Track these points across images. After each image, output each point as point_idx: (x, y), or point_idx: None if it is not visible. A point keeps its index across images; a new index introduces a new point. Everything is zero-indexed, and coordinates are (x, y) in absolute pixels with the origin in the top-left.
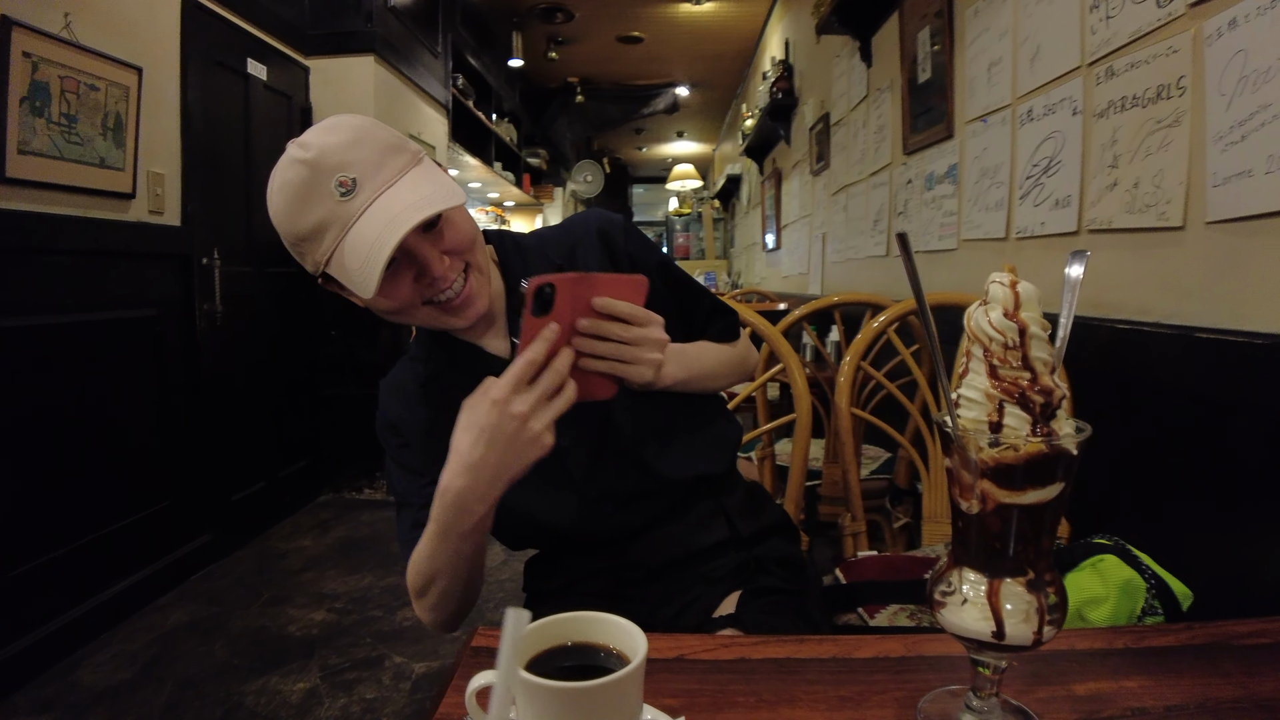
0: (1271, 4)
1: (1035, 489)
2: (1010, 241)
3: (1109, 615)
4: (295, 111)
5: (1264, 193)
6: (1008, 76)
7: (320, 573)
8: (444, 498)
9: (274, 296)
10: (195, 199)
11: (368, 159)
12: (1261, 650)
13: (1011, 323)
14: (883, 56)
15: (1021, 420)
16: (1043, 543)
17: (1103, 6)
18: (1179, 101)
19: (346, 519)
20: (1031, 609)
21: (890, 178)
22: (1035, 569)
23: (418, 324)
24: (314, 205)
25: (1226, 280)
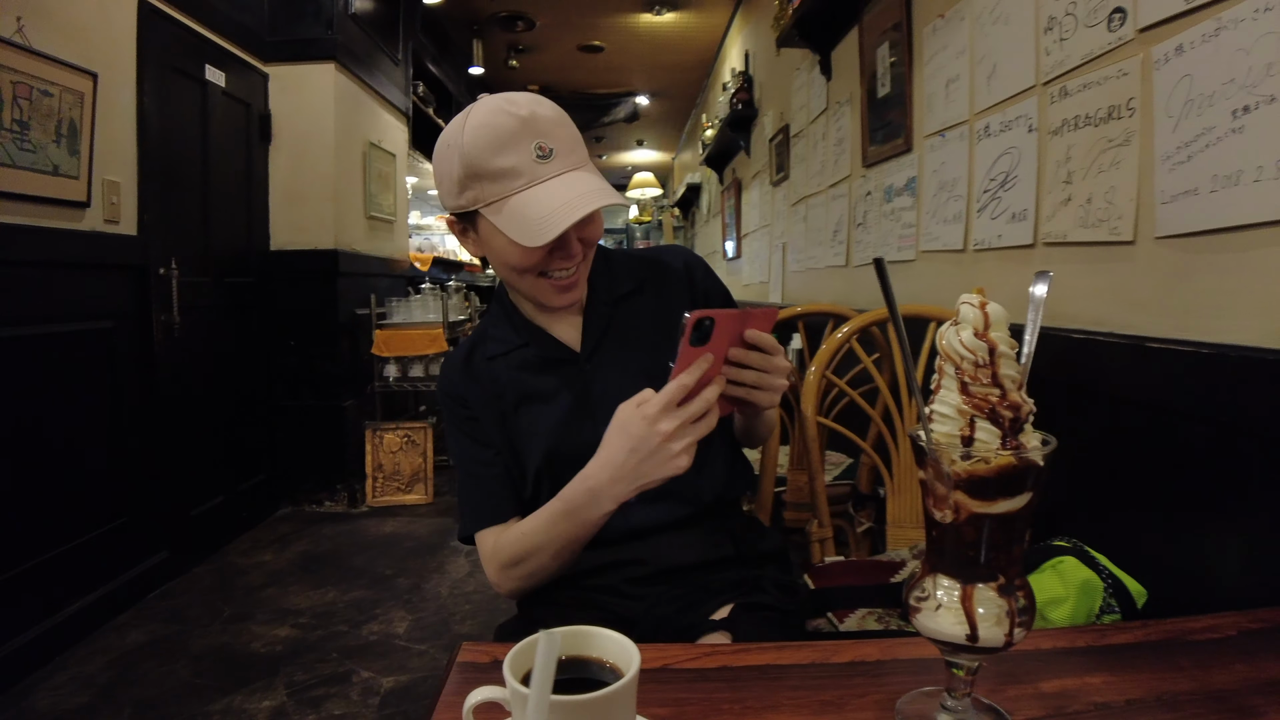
0: (1215, 32)
1: (1006, 499)
2: (968, 253)
3: (1069, 615)
4: (254, 119)
5: (1208, 210)
6: (965, 93)
7: (283, 588)
8: (584, 483)
9: (232, 307)
10: (152, 208)
11: (566, 139)
12: (1214, 645)
13: (982, 342)
14: (842, 70)
15: (992, 434)
16: (1013, 550)
17: (1056, 29)
18: (1129, 122)
19: (307, 533)
20: (1003, 612)
21: (850, 189)
22: (1006, 575)
23: (522, 289)
24: (511, 153)
25: (1175, 293)
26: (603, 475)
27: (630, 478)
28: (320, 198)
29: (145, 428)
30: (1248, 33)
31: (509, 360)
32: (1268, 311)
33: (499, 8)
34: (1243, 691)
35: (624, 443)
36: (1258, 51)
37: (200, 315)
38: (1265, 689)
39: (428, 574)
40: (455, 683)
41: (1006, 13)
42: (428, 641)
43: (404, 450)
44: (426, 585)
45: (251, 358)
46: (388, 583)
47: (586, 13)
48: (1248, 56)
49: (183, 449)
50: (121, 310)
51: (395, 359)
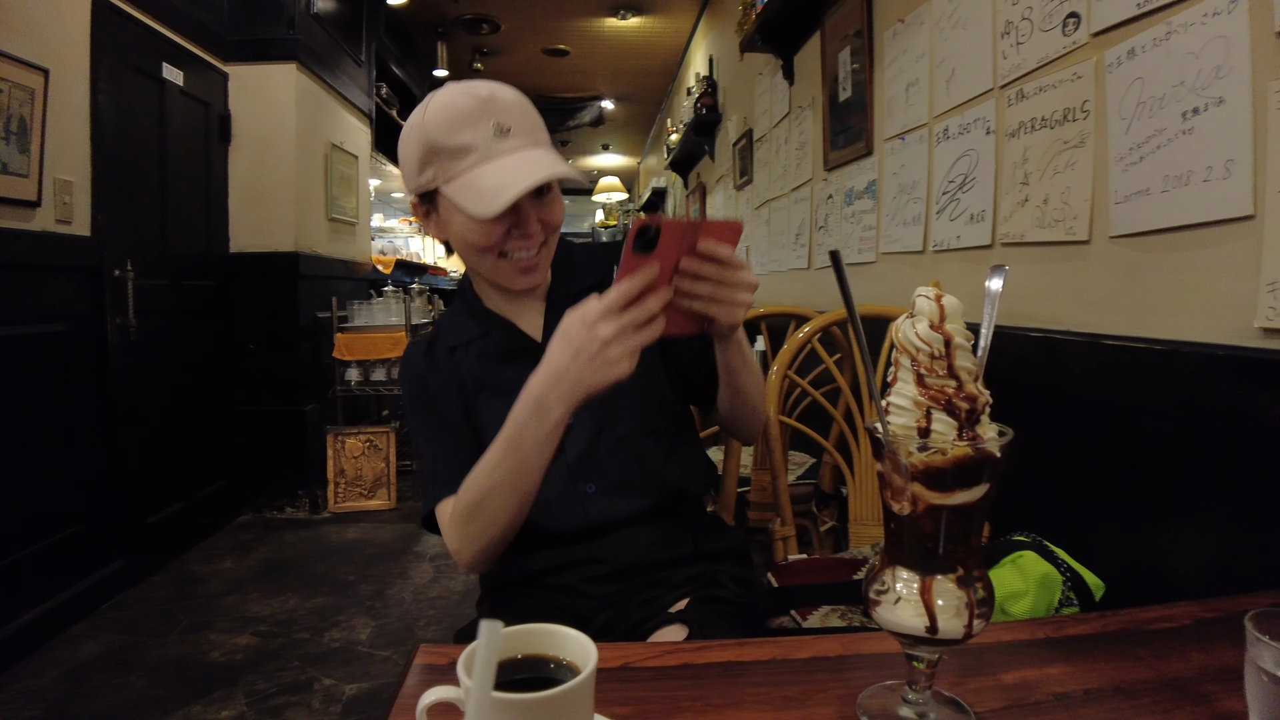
0: (1166, 36)
1: (963, 490)
2: (927, 255)
3: (1029, 608)
4: (214, 119)
5: (1160, 210)
6: (925, 97)
7: (243, 596)
8: (526, 396)
9: (191, 310)
10: (106, 208)
11: (525, 119)
12: (1168, 634)
13: (937, 334)
14: (804, 75)
15: (948, 426)
16: (971, 541)
17: (1013, 33)
18: (1084, 124)
19: (268, 539)
20: (962, 604)
21: (812, 193)
22: (965, 566)
23: (483, 271)
24: (468, 130)
25: (1129, 291)
26: (545, 381)
27: (572, 381)
28: (281, 199)
29: (99, 433)
30: (1197, 37)
31: (469, 350)
32: (1216, 308)
33: (464, 10)
34: (1198, 679)
35: (564, 347)
36: (1206, 55)
37: (158, 318)
38: (1220, 676)
39: (391, 580)
40: (412, 685)
41: (965, 17)
42: (391, 648)
43: (366, 455)
44: (390, 591)
45: (211, 362)
46: (350, 589)
47: (551, 16)
48: (1197, 60)
49: (139, 455)
50: (74, 313)
51: (357, 363)
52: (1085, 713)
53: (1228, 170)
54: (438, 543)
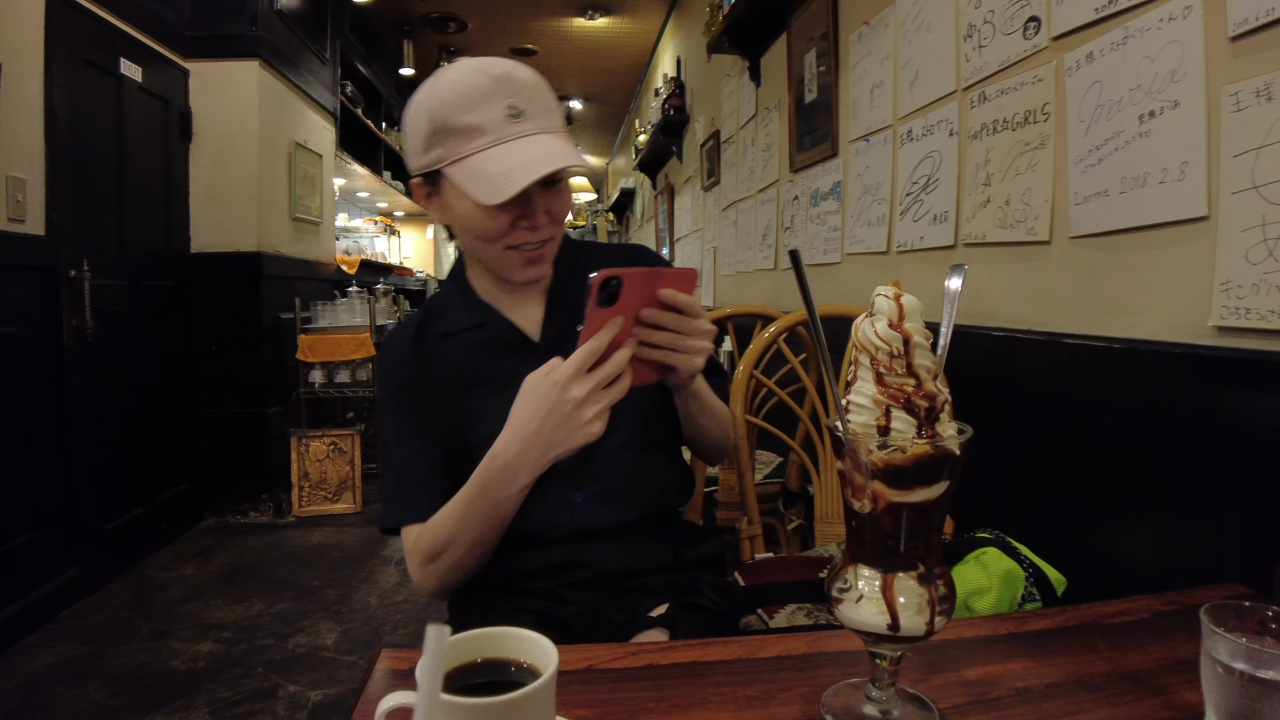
0: (1123, 41)
1: (923, 488)
2: (891, 255)
3: (992, 604)
4: (174, 116)
5: (1118, 211)
6: (889, 99)
7: (205, 602)
8: (494, 460)
9: (150, 311)
10: (62, 207)
11: (541, 103)
12: (1127, 627)
13: (896, 333)
14: (771, 77)
15: (908, 424)
16: (932, 538)
17: (975, 36)
18: (1044, 126)
19: (231, 544)
20: (924, 601)
21: (778, 194)
22: (926, 563)
23: (487, 261)
24: (480, 110)
25: (1088, 290)
26: (513, 446)
27: (542, 447)
28: (243, 198)
29: (54, 438)
30: (1153, 41)
31: (462, 340)
32: (1173, 307)
33: (430, 8)
34: (1156, 671)
35: (534, 412)
36: (1162, 59)
37: (116, 319)
38: (1177, 668)
39: (356, 584)
40: (374, 690)
41: (929, 20)
42: (357, 652)
43: (331, 458)
44: (355, 596)
45: (171, 364)
46: (315, 594)
47: (519, 16)
48: (1153, 64)
49: (96, 460)
50: (28, 314)
51: (321, 364)
52: (1046, 707)
53: (1183, 172)
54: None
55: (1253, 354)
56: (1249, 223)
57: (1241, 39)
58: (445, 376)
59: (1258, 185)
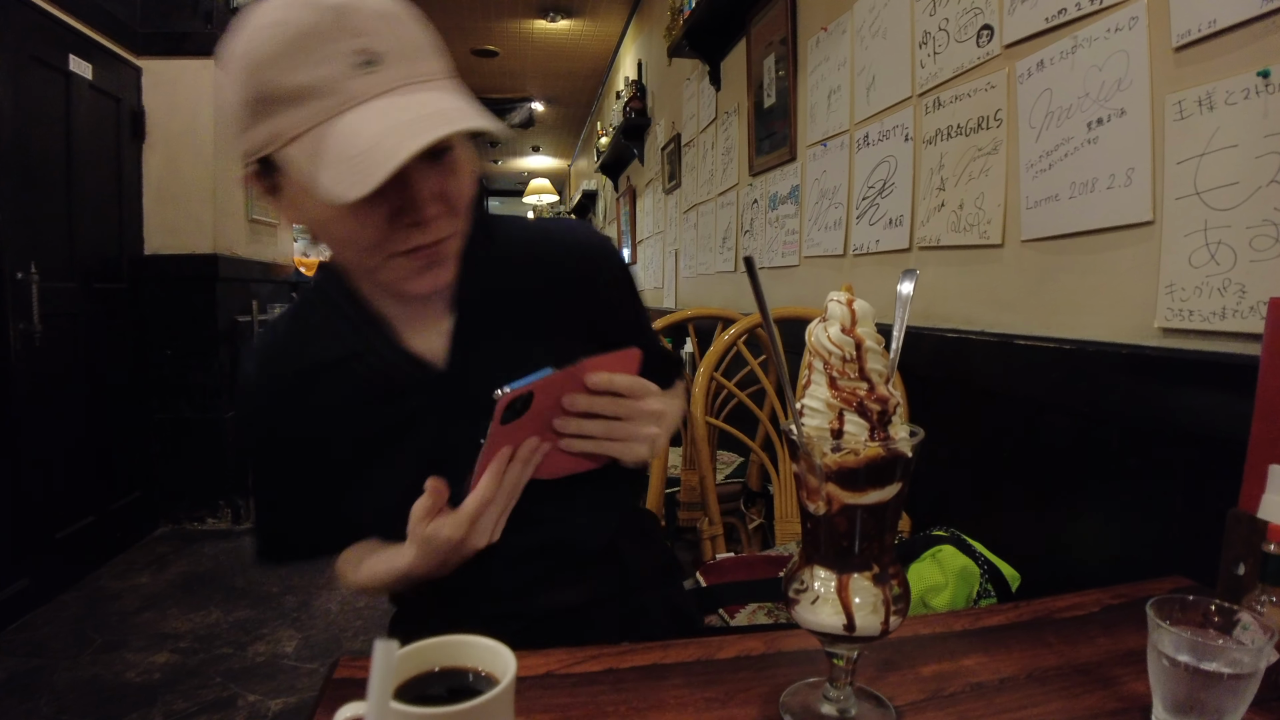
0: (1072, 49)
1: (876, 489)
2: (848, 258)
3: (949, 600)
4: (125, 114)
5: (1067, 215)
6: (846, 104)
7: (160, 612)
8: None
9: (101, 315)
10: (7, 207)
11: (404, 41)
12: (1078, 621)
13: (849, 338)
14: (731, 81)
15: (860, 427)
16: (885, 539)
17: (930, 43)
18: (997, 132)
19: (187, 552)
20: (879, 601)
21: (737, 197)
22: (880, 564)
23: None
24: (315, 63)
25: (1039, 293)
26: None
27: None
28: (198, 199)
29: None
30: (1100, 50)
31: (335, 377)
32: (1120, 309)
33: None
34: (1105, 664)
35: (430, 559)
36: (1109, 68)
37: (65, 323)
38: (1125, 660)
39: (316, 590)
40: (330, 699)
41: (885, 26)
42: (318, 660)
43: None
44: (316, 602)
45: (124, 368)
46: (274, 601)
47: (479, 17)
48: (1100, 72)
49: (45, 467)
50: None
51: None
52: (1000, 701)
53: (1129, 178)
54: None
55: (1195, 354)
56: (1192, 227)
57: (1185, 49)
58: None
59: (1200, 191)
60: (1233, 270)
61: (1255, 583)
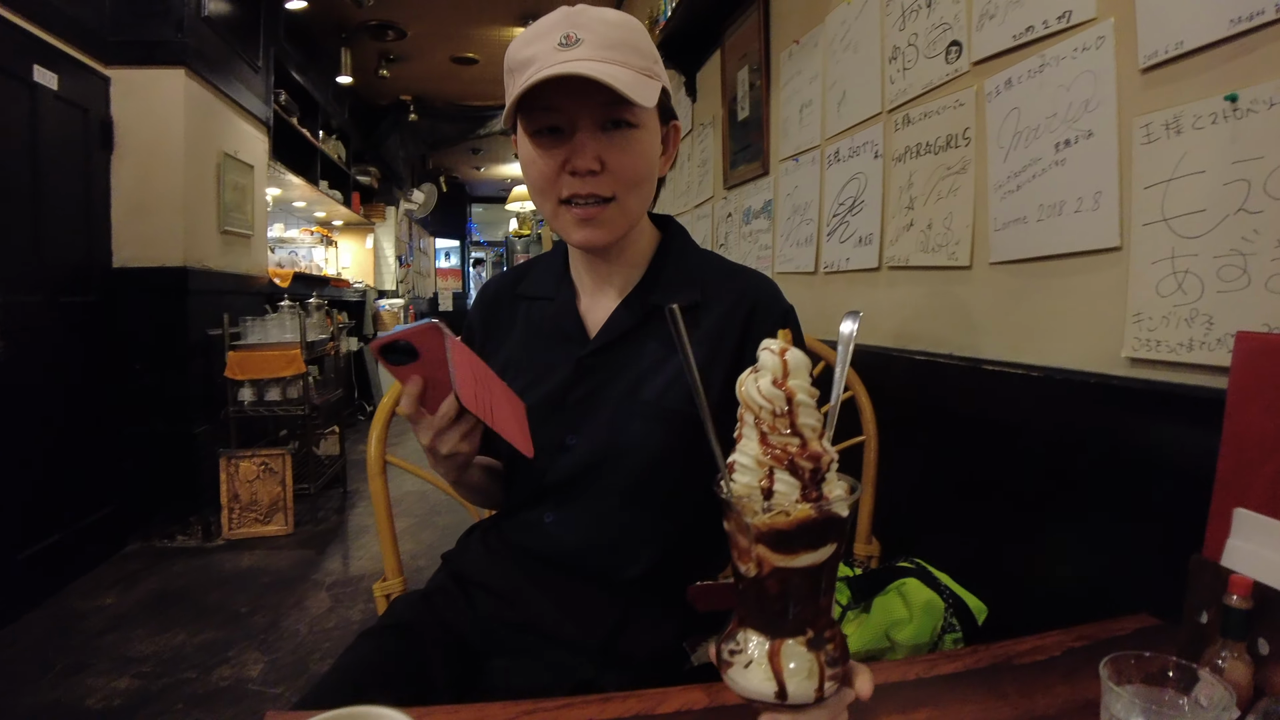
0: (1040, 68)
1: (808, 552)
2: (819, 275)
3: (913, 634)
4: (94, 125)
5: (1035, 238)
6: (817, 118)
7: (126, 633)
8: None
9: (69, 329)
10: None
11: (605, 35)
12: (1038, 667)
13: (779, 391)
14: (706, 92)
15: (792, 486)
16: (821, 602)
17: (900, 59)
18: (965, 151)
19: (158, 569)
20: (813, 666)
21: (713, 210)
22: (815, 627)
23: (548, 218)
24: (537, 43)
25: (1008, 317)
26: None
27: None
28: (169, 211)
29: None
30: (1068, 70)
31: (532, 308)
32: (1088, 336)
33: (368, 16)
34: (1062, 716)
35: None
36: (1077, 88)
37: (31, 338)
38: (1083, 711)
39: (286, 610)
40: None
41: (856, 40)
42: (283, 684)
43: (261, 479)
44: (284, 623)
45: (93, 382)
46: (242, 621)
47: (459, 25)
48: (1068, 92)
49: (11, 484)
50: None
51: (250, 382)
52: None
53: (1096, 202)
54: (336, 571)
55: (1163, 386)
56: (1159, 255)
57: (1152, 70)
58: (504, 335)
59: (1168, 218)
60: (1200, 301)
61: (1218, 633)
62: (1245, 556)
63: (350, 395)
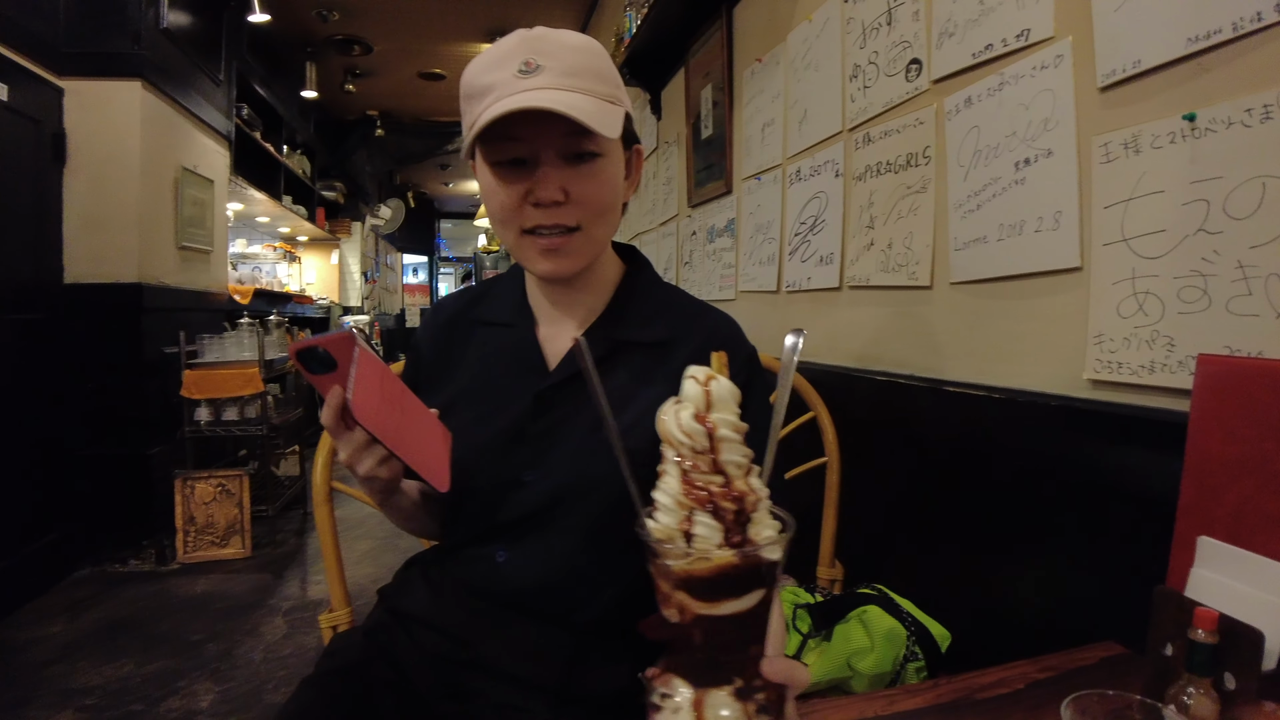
0: (999, 87)
1: (732, 600)
2: (782, 295)
3: (875, 663)
4: (46, 137)
5: (996, 258)
6: (779, 137)
7: (71, 664)
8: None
9: (16, 347)
10: None
11: (565, 61)
12: (1001, 702)
13: (700, 426)
14: (671, 110)
15: (713, 529)
16: (750, 651)
17: (860, 77)
18: (926, 170)
19: (108, 596)
20: (742, 717)
21: (678, 228)
22: (744, 676)
23: (510, 247)
24: (497, 70)
25: (970, 338)
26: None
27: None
28: (123, 226)
29: None
30: (1027, 89)
31: (489, 334)
32: (1050, 357)
33: (334, 30)
34: None
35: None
36: (1036, 107)
37: None
38: None
39: (240, 638)
40: None
41: (817, 59)
42: (234, 715)
43: (218, 501)
44: (238, 651)
45: (41, 402)
46: (194, 650)
47: (426, 40)
48: (1027, 111)
49: None
50: None
51: (207, 402)
52: None
53: (1057, 221)
54: (294, 596)
55: (1125, 409)
56: (1120, 275)
57: (1111, 90)
58: (457, 362)
59: (1127, 238)
60: (1161, 322)
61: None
62: (1210, 586)
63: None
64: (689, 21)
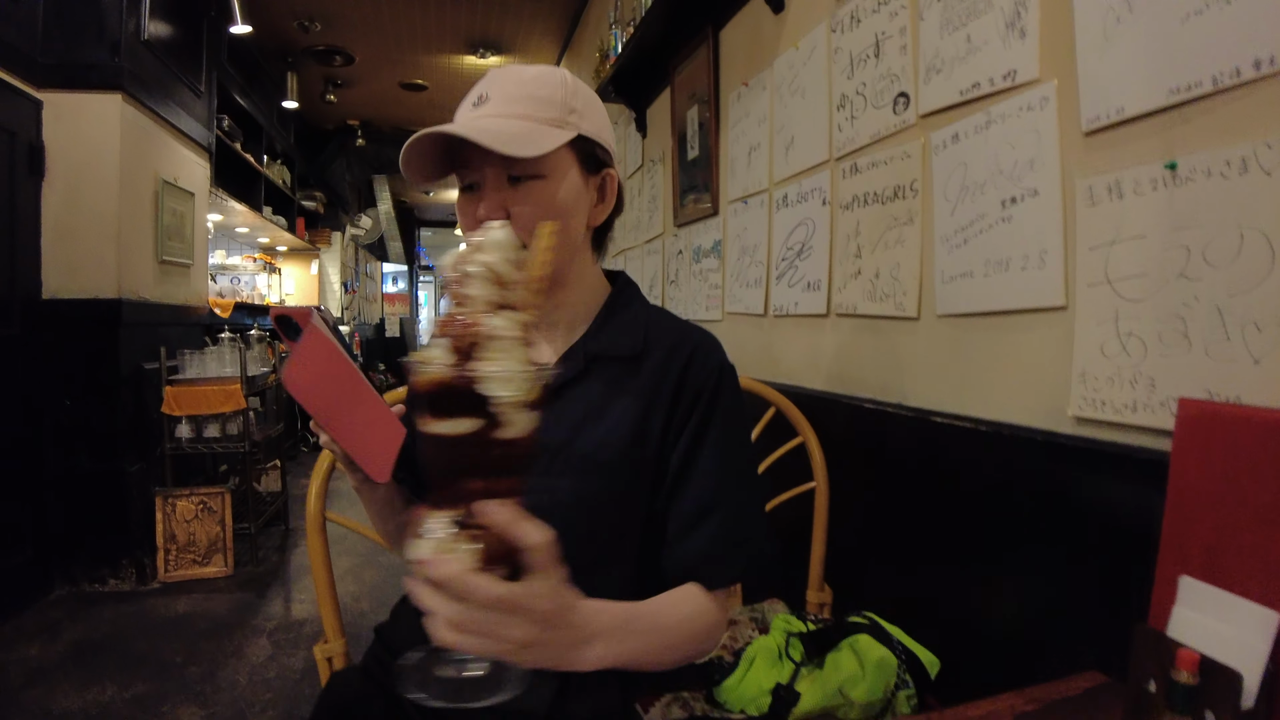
0: (986, 125)
1: (444, 419)
2: (769, 318)
3: (866, 691)
4: (21, 150)
5: (982, 293)
6: (765, 161)
7: (48, 687)
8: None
9: None
10: None
11: (509, 90)
12: None
13: (462, 262)
14: (656, 129)
15: (446, 352)
16: (465, 482)
17: (848, 107)
18: (912, 202)
19: (85, 617)
20: (456, 544)
21: (663, 246)
22: (465, 510)
23: None
24: (462, 106)
25: (956, 370)
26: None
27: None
28: (101, 240)
29: None
30: (1013, 128)
31: None
32: (1035, 392)
33: (315, 41)
34: None
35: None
36: (1022, 146)
37: None
38: None
39: (224, 659)
40: None
41: (804, 86)
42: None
43: (199, 518)
44: (221, 673)
45: (16, 419)
46: (176, 672)
47: (408, 51)
48: (1013, 150)
49: None
50: None
51: (188, 418)
52: None
53: (1042, 260)
54: (277, 615)
55: (1109, 446)
56: (1103, 315)
57: (1095, 134)
58: None
59: (1111, 280)
60: (1143, 363)
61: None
62: (1191, 627)
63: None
64: (674, 42)
